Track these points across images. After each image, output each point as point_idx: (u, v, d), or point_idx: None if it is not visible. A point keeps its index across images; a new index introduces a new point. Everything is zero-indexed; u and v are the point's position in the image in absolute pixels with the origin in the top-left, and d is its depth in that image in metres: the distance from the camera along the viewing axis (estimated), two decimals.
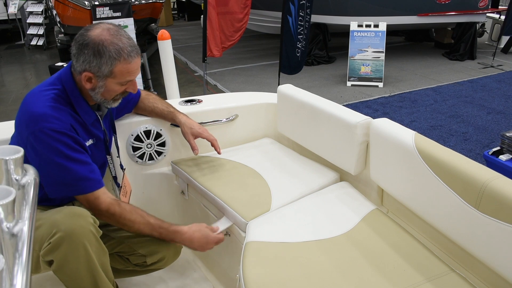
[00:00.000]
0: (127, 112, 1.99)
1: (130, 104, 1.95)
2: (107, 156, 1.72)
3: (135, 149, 2.06)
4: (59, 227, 1.33)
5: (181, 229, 1.57)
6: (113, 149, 1.81)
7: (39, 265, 1.44)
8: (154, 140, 2.09)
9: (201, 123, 2.11)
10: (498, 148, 2.82)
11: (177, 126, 2.09)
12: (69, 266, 1.37)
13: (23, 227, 0.85)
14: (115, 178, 1.81)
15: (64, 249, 1.34)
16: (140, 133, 2.04)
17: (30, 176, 1.03)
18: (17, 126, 1.48)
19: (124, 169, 1.91)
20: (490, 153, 2.81)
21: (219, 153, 2.03)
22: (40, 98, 1.44)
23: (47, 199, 1.59)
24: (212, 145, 2.00)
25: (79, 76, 1.48)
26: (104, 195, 1.48)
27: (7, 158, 0.94)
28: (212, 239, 1.62)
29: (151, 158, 2.13)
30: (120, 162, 1.90)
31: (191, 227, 1.60)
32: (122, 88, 1.51)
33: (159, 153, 2.14)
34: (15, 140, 1.51)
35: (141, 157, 2.10)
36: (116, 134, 1.84)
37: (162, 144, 2.12)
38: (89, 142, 1.57)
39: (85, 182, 1.45)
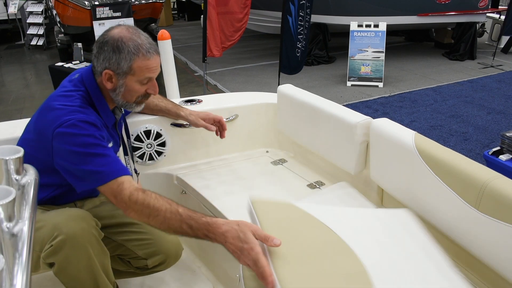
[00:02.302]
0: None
1: None
2: (125, 157, 1.73)
3: (135, 149, 2.06)
4: (61, 229, 1.33)
5: (215, 221, 1.19)
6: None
7: (39, 264, 1.44)
8: (154, 140, 2.09)
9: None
10: (498, 148, 2.82)
11: (177, 126, 2.09)
12: (70, 269, 1.37)
13: (23, 227, 0.86)
14: None
15: (66, 252, 1.34)
16: (140, 133, 2.04)
17: (30, 176, 1.03)
18: (37, 128, 1.43)
19: (138, 173, 1.92)
20: (490, 153, 2.81)
21: (222, 136, 2.03)
22: (66, 99, 1.43)
23: (48, 200, 1.59)
24: (220, 123, 2.00)
25: (100, 77, 1.48)
26: (129, 182, 1.35)
27: (7, 158, 0.95)
28: (254, 249, 1.13)
29: (151, 158, 2.13)
30: (135, 167, 1.90)
31: (231, 221, 1.18)
32: (142, 88, 1.49)
33: (159, 153, 2.14)
34: (29, 142, 1.44)
35: (141, 157, 2.10)
36: (130, 139, 1.85)
37: (162, 144, 2.12)
38: (109, 144, 1.53)
39: (110, 168, 1.36)
